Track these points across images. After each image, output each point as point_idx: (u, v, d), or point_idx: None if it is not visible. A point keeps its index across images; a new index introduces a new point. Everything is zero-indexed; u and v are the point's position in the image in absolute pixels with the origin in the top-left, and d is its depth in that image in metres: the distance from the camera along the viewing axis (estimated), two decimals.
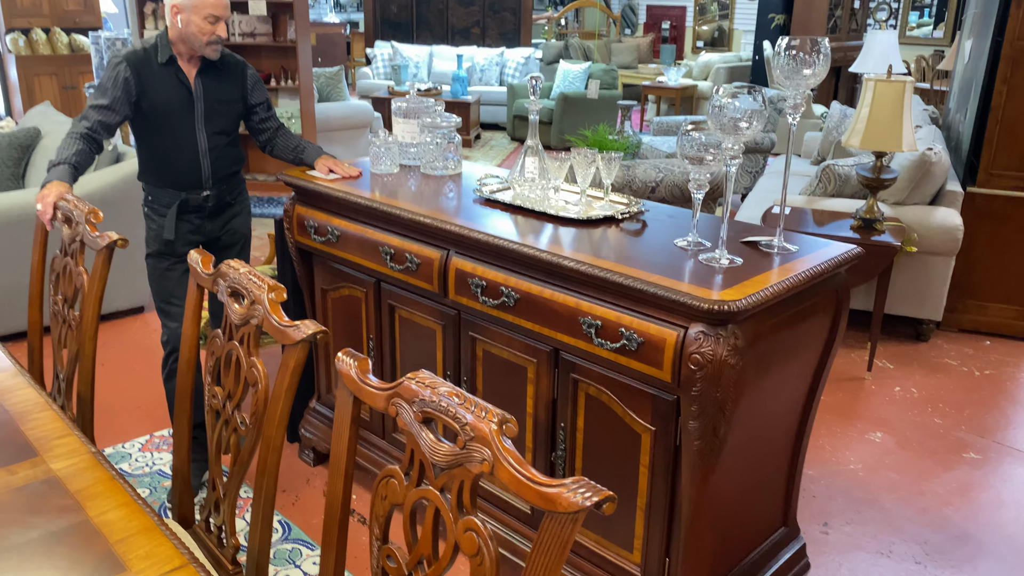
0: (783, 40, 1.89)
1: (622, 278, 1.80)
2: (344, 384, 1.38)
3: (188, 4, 2.48)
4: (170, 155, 2.60)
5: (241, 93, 2.69)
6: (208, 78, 2.60)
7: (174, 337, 2.69)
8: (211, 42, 2.52)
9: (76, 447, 1.62)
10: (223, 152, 2.66)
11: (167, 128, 2.57)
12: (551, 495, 1.06)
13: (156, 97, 2.54)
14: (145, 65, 2.54)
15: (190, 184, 2.62)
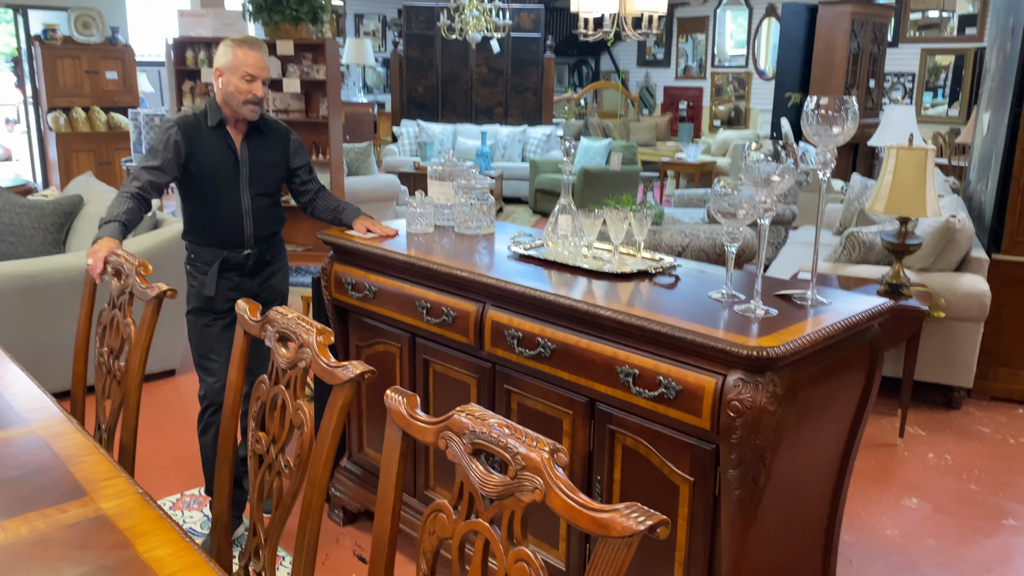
0: (812, 99, 1.96)
1: (660, 326, 1.83)
2: (393, 420, 1.41)
3: (227, 65, 2.62)
4: (215, 214, 2.69)
5: (284, 157, 2.80)
6: (253, 142, 2.71)
7: (211, 392, 2.73)
8: (248, 101, 2.62)
9: (124, 488, 1.64)
10: (265, 213, 2.76)
11: (213, 189, 2.68)
12: (605, 520, 1.08)
13: (204, 159, 2.65)
14: (195, 128, 2.66)
15: (233, 243, 2.71)
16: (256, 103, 2.64)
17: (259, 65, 2.63)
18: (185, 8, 6.46)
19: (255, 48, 2.64)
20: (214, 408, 2.74)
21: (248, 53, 2.61)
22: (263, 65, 2.65)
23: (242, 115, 2.65)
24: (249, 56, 2.61)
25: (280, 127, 2.82)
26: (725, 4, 12.76)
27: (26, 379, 2.16)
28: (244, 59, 2.60)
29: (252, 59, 2.61)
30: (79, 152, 8.89)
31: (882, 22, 9.44)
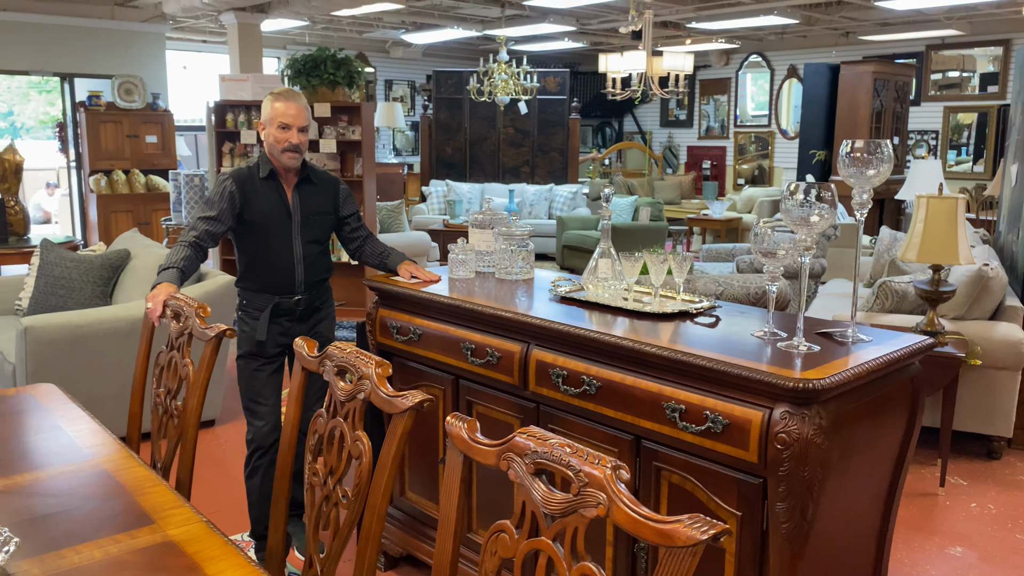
0: (847, 143, 2.03)
1: (706, 361, 1.88)
2: (454, 445, 1.46)
3: (266, 117, 2.76)
4: (268, 261, 2.80)
5: (333, 206, 2.91)
6: (304, 192, 2.83)
7: (259, 435, 2.79)
8: (285, 149, 2.73)
9: (189, 516, 1.70)
10: (315, 260, 2.86)
11: (266, 237, 2.79)
12: (669, 531, 1.12)
13: (257, 209, 2.77)
14: (248, 180, 2.79)
15: (284, 288, 2.81)
16: (293, 151, 2.74)
17: (292, 114, 2.72)
18: (226, 73, 6.73)
19: (289, 99, 2.75)
20: (261, 451, 2.80)
21: (282, 103, 2.73)
22: (296, 113, 2.73)
23: (282, 163, 2.76)
24: (283, 106, 2.72)
25: (329, 177, 2.93)
26: (746, 66, 13.02)
27: (87, 418, 2.24)
28: (279, 109, 2.72)
29: (285, 109, 2.72)
30: (118, 213, 9.15)
31: (904, 81, 9.59)
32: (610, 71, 5.44)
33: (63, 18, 8.88)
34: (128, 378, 3.79)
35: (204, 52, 11.67)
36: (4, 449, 2.03)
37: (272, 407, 2.83)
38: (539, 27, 9.83)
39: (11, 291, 4.61)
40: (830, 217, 1.92)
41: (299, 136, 2.75)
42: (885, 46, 11.18)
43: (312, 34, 11.21)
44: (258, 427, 2.80)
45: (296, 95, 2.78)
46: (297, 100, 2.76)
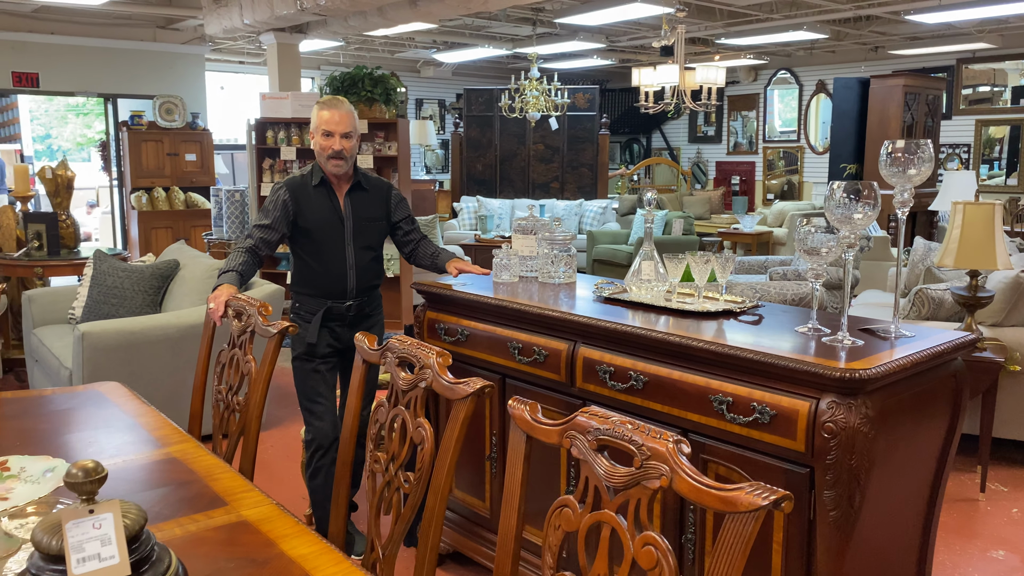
0: (888, 144, 2.09)
1: (753, 354, 1.94)
2: (517, 426, 1.53)
3: (312, 126, 2.84)
4: (321, 267, 2.87)
5: (385, 211, 2.98)
6: (356, 198, 2.90)
7: (320, 435, 2.86)
8: (329, 156, 2.79)
9: (260, 499, 1.78)
10: (367, 266, 2.93)
11: (319, 243, 2.86)
12: (731, 497, 1.18)
13: (310, 216, 2.85)
14: (301, 188, 2.87)
15: (336, 293, 2.88)
16: (337, 157, 2.79)
17: (335, 120, 2.78)
18: (262, 92, 6.91)
19: (332, 106, 2.80)
20: (322, 451, 2.87)
21: (326, 111, 2.79)
22: (339, 120, 2.78)
23: (328, 170, 2.83)
24: (327, 114, 2.78)
25: (381, 183, 3.00)
26: (774, 82, 13.06)
27: (154, 412, 2.35)
28: (323, 117, 2.79)
29: (329, 116, 2.78)
30: (158, 229, 9.37)
31: (935, 94, 9.57)
32: (643, 85, 5.53)
33: (108, 41, 9.16)
34: (178, 383, 3.93)
35: (240, 73, 11.95)
36: (80, 439, 2.14)
37: (329, 406, 2.91)
38: (569, 44, 9.96)
39: (63, 301, 4.76)
40: (872, 214, 1.98)
41: (342, 142, 2.79)
42: (915, 60, 11.17)
43: (346, 54, 11.44)
44: (317, 426, 2.87)
45: (339, 102, 2.82)
46: (340, 107, 2.80)
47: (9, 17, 8.47)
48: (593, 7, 7.16)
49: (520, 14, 8.74)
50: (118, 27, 9.16)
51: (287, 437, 4.32)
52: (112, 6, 7.67)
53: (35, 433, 2.20)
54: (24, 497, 1.42)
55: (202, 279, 4.30)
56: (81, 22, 8.87)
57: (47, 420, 2.30)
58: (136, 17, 8.98)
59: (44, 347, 4.32)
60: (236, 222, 7.05)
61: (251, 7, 6.89)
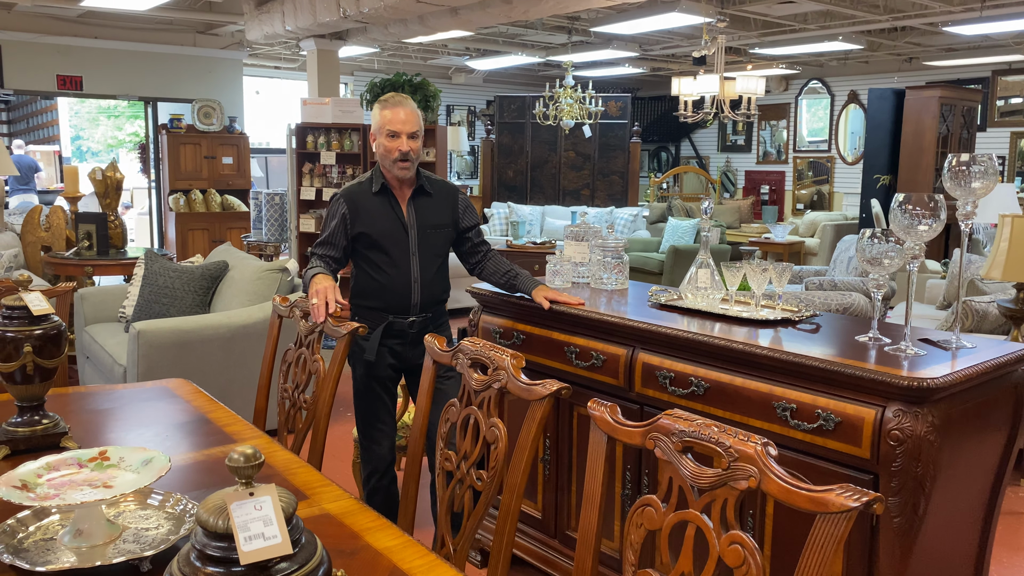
0: (951, 157, 2.12)
1: (819, 361, 1.98)
2: (598, 427, 1.58)
3: (375, 127, 2.64)
4: (383, 280, 2.67)
5: (452, 218, 2.76)
6: (420, 204, 2.69)
7: (376, 459, 2.76)
8: (396, 159, 2.59)
9: (340, 493, 1.84)
10: (434, 279, 2.73)
11: (382, 254, 2.66)
12: (822, 498, 1.22)
13: (371, 225, 2.66)
14: (360, 196, 2.68)
15: (399, 309, 2.68)
16: (404, 159, 2.60)
17: (401, 119, 2.58)
18: (301, 97, 7.03)
19: (397, 104, 2.61)
20: (379, 474, 2.77)
21: (390, 110, 2.60)
22: (405, 119, 2.59)
23: (395, 175, 2.64)
24: (391, 113, 2.59)
25: (447, 186, 2.79)
26: (805, 92, 13.03)
27: (224, 408, 2.42)
28: (386, 117, 2.60)
29: (393, 115, 2.59)
30: (195, 231, 9.53)
31: (971, 106, 9.52)
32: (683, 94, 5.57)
33: (150, 45, 9.34)
34: (229, 381, 4.01)
35: (276, 78, 12.12)
36: (155, 433, 2.21)
37: (388, 431, 2.78)
38: (602, 53, 10.01)
39: (113, 299, 4.87)
40: (938, 227, 2.01)
41: (409, 143, 2.60)
42: (949, 71, 11.11)
43: (380, 60, 11.56)
44: (374, 451, 2.75)
45: (404, 99, 2.64)
46: (405, 104, 2.63)
47: (55, 22, 8.66)
48: (629, 16, 7.22)
49: (556, 22, 8.81)
50: (160, 32, 9.33)
51: (334, 437, 4.40)
52: (155, 11, 7.83)
53: (109, 426, 2.27)
54: (129, 486, 1.48)
55: (250, 280, 4.39)
56: (124, 27, 9.05)
57: (119, 414, 2.38)
58: (177, 22, 9.14)
59: (97, 344, 4.43)
60: (275, 225, 7.16)
61: (294, 13, 7.00)
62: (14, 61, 8.62)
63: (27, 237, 5.85)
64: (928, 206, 2.02)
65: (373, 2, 5.99)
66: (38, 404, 1.98)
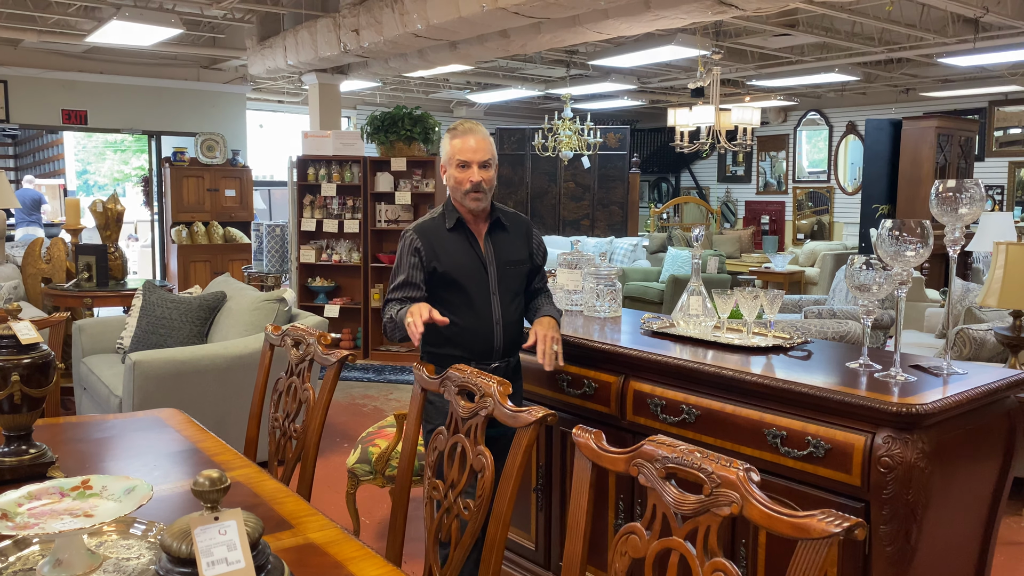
0: (938, 183, 2.13)
1: (808, 388, 1.97)
2: (583, 454, 1.57)
3: (444, 159, 2.44)
4: (464, 324, 2.43)
5: (528, 252, 2.55)
6: (497, 239, 2.48)
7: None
8: (467, 191, 2.39)
9: (325, 523, 1.83)
10: (515, 319, 2.51)
11: (461, 294, 2.43)
12: (804, 524, 1.21)
13: (447, 262, 2.42)
14: (433, 231, 2.45)
15: (482, 354, 2.43)
16: (477, 191, 2.39)
17: (470, 148, 2.39)
18: (302, 130, 7.10)
19: (466, 133, 2.42)
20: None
21: (459, 139, 2.41)
22: (476, 147, 2.39)
23: (467, 207, 2.43)
24: (460, 142, 2.40)
25: (519, 219, 2.59)
26: (804, 123, 13.13)
27: (214, 438, 2.41)
28: (456, 146, 2.41)
29: (463, 144, 2.40)
30: (197, 263, 9.56)
31: (968, 136, 9.58)
32: (679, 125, 5.62)
33: (154, 80, 9.46)
34: (224, 412, 4.00)
35: (280, 112, 12.25)
36: (145, 462, 2.20)
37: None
38: (601, 86, 10.11)
39: (111, 331, 4.88)
40: (925, 252, 2.01)
41: (481, 173, 2.39)
42: (946, 102, 11.18)
43: (382, 94, 11.69)
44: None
45: (473, 127, 2.44)
46: (475, 132, 2.43)
47: (61, 57, 8.79)
48: (627, 49, 7.30)
49: (554, 56, 8.91)
50: (164, 67, 9.46)
51: (329, 467, 4.37)
52: (160, 47, 7.94)
53: (99, 456, 2.27)
54: (110, 515, 1.47)
55: (248, 311, 4.39)
56: (129, 62, 9.18)
57: (109, 444, 2.37)
58: (182, 57, 9.27)
59: (94, 375, 4.43)
60: (276, 256, 7.19)
61: (295, 49, 7.10)
62: (20, 96, 8.74)
63: (28, 269, 5.88)
64: (915, 232, 2.02)
65: (372, 36, 6.07)
66: (26, 434, 1.98)
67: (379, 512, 3.80)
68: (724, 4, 4.60)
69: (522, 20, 5.25)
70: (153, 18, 6.59)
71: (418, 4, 5.51)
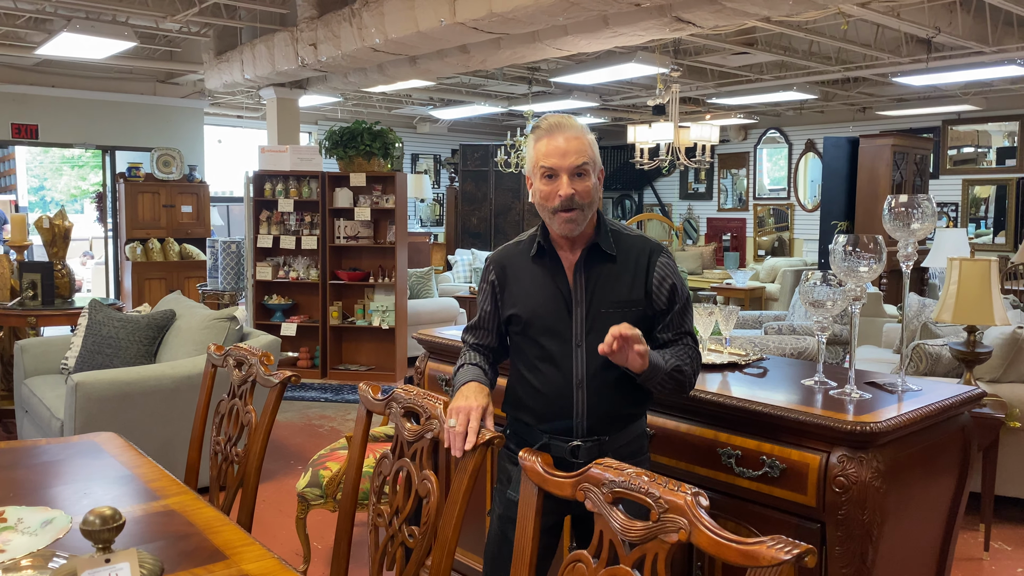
0: (890, 199, 2.12)
1: (762, 407, 1.93)
2: (529, 478, 1.51)
3: (528, 167, 1.89)
4: (538, 381, 1.89)
5: (645, 290, 1.87)
6: (595, 271, 1.87)
7: None
8: (556, 209, 1.81)
9: (262, 553, 1.74)
10: (612, 381, 1.85)
11: (535, 344, 1.90)
12: (753, 551, 1.16)
13: (522, 299, 1.91)
14: (515, 259, 1.94)
15: (558, 427, 1.86)
16: (568, 209, 1.81)
17: (558, 150, 1.81)
18: (261, 145, 6.98)
19: (553, 131, 1.84)
20: None
21: (545, 140, 1.84)
22: (564, 148, 1.81)
23: (556, 231, 1.86)
24: (545, 144, 1.84)
25: (642, 244, 1.92)
26: (764, 141, 13.29)
27: (150, 463, 2.30)
28: (540, 151, 1.84)
29: (548, 147, 1.83)
30: (152, 280, 9.35)
31: (923, 154, 9.75)
32: (638, 142, 5.62)
33: (108, 94, 9.27)
34: (172, 434, 3.87)
35: (239, 127, 12.08)
36: (75, 490, 2.09)
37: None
38: (563, 103, 10.13)
39: (56, 351, 4.71)
40: (878, 268, 1.99)
41: (572, 184, 1.80)
42: (901, 121, 11.40)
43: (344, 110, 11.59)
44: None
45: (563, 121, 1.85)
46: (564, 128, 1.84)
47: (10, 70, 8.57)
48: (588, 67, 7.31)
49: (516, 73, 8.91)
50: (119, 81, 9.27)
51: (282, 491, 4.25)
52: (114, 60, 7.78)
53: (28, 484, 2.15)
54: (21, 549, 1.38)
55: (198, 329, 4.27)
56: (82, 75, 8.98)
57: (40, 471, 2.25)
58: (137, 71, 9.10)
59: (35, 397, 4.26)
60: (232, 273, 7.05)
61: (253, 63, 7.00)
62: None
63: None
64: (869, 247, 2.00)
65: (331, 51, 6.00)
66: None
67: (331, 537, 3.69)
68: (681, 21, 4.61)
69: (481, 35, 5.22)
70: (105, 31, 6.44)
71: (376, 18, 5.46)
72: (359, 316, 6.76)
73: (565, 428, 1.86)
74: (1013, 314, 4.65)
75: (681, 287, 1.91)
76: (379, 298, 6.76)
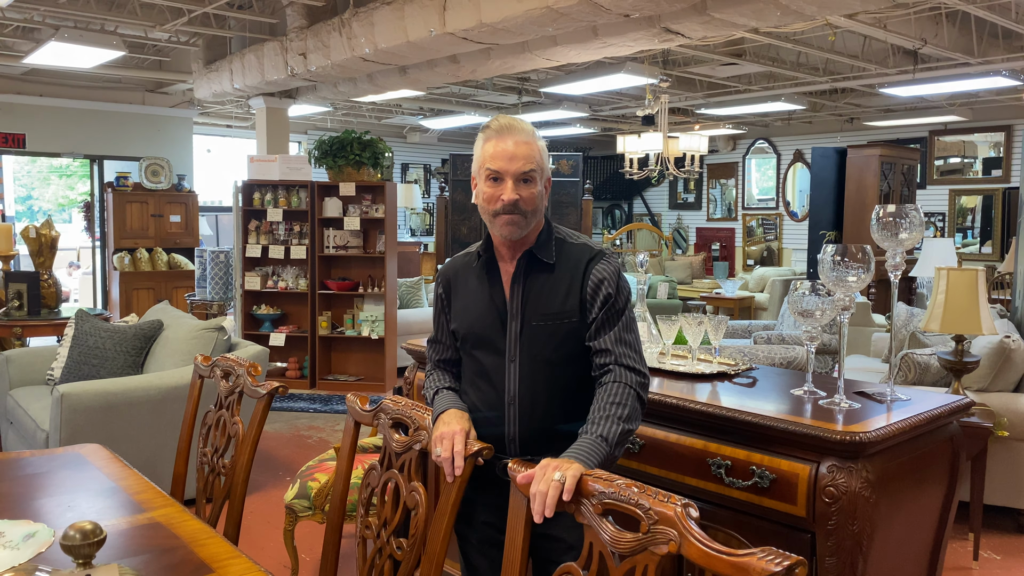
0: (878, 209, 2.12)
1: (751, 416, 1.92)
2: (519, 491, 1.50)
3: (474, 167, 1.79)
4: (474, 397, 1.83)
5: (578, 299, 1.76)
6: (533, 281, 1.77)
7: None
8: (497, 212, 1.73)
9: (249, 566, 1.72)
10: (544, 399, 1.76)
11: (472, 355, 1.84)
12: (743, 563, 1.15)
13: (461, 313, 1.84)
14: (460, 270, 1.87)
15: (494, 444, 1.74)
16: (510, 212, 1.72)
17: (506, 153, 1.72)
18: (250, 155, 6.96)
19: (501, 132, 1.75)
20: None
21: (492, 142, 1.75)
22: (513, 153, 1.72)
23: (496, 234, 1.78)
24: (492, 145, 1.75)
25: (582, 251, 1.81)
26: (753, 151, 13.36)
27: (136, 475, 2.27)
28: (487, 152, 1.75)
29: (496, 148, 1.74)
30: (140, 290, 9.30)
31: (911, 164, 9.82)
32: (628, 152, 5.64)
33: (96, 103, 9.23)
34: (160, 445, 3.83)
35: (228, 136, 12.05)
36: (59, 502, 2.07)
37: None
38: (553, 113, 10.16)
39: (42, 361, 4.67)
40: (867, 278, 2.00)
41: (517, 190, 1.72)
42: (888, 131, 11.48)
43: (333, 119, 11.59)
44: None
45: (512, 124, 1.76)
46: (514, 131, 1.75)
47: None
48: (577, 77, 7.33)
49: (506, 83, 8.93)
50: (107, 90, 9.24)
51: (270, 503, 4.22)
52: (103, 69, 7.75)
53: (11, 497, 2.12)
54: (3, 564, 1.36)
55: (185, 340, 4.24)
56: (70, 84, 8.94)
57: (24, 483, 2.23)
58: (126, 80, 9.07)
59: (20, 409, 4.22)
60: (220, 283, 7.01)
61: (242, 72, 6.98)
62: None
63: None
64: (857, 257, 2.01)
65: (320, 60, 6.00)
66: None
67: (319, 549, 3.65)
68: (670, 32, 4.63)
69: (471, 46, 5.22)
70: (94, 40, 6.42)
71: (366, 28, 5.46)
72: (348, 326, 6.73)
73: (498, 444, 1.76)
74: (1000, 323, 4.67)
75: (618, 297, 1.75)
76: (368, 308, 6.74)
